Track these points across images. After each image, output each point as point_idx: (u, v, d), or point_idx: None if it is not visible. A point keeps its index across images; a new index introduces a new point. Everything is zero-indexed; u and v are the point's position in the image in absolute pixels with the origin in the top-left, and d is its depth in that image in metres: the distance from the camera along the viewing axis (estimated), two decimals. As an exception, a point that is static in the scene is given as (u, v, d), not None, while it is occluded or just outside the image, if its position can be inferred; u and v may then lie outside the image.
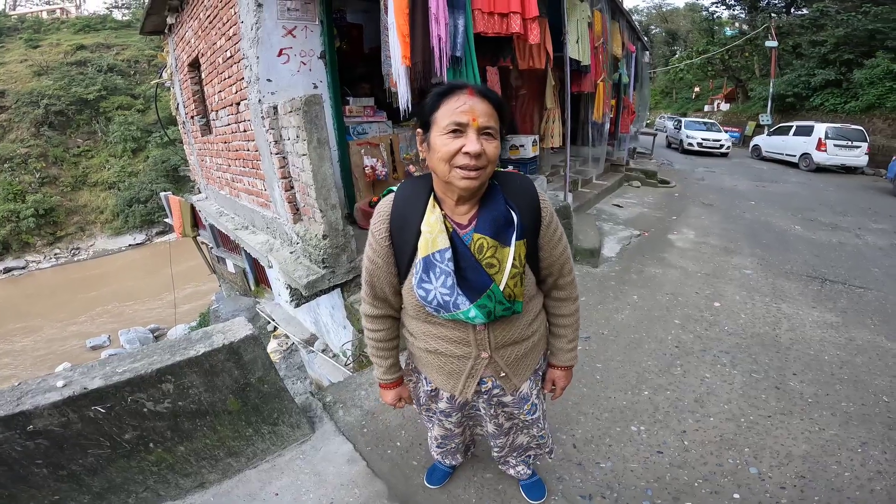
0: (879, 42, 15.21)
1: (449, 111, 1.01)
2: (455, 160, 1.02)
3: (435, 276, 1.11)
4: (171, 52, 5.84)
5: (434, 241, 1.10)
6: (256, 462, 2.06)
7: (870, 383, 2.70)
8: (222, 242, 8.55)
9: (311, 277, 3.07)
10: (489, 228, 1.11)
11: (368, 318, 1.35)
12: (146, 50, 31.73)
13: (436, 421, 1.58)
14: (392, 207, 1.19)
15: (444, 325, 1.23)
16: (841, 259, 5.08)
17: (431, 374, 1.37)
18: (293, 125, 2.85)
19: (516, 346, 1.29)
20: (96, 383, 1.66)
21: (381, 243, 1.20)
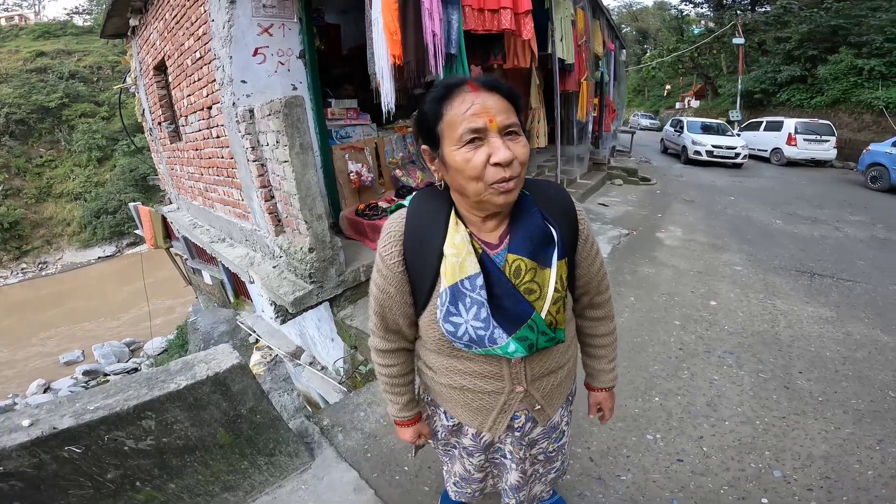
0: (842, 38, 15.68)
1: (458, 117, 0.83)
2: (487, 176, 0.84)
3: (465, 308, 0.92)
4: (135, 55, 5.53)
5: (462, 265, 0.91)
6: (255, 495, 1.90)
7: (874, 379, 2.68)
8: (197, 254, 8.24)
9: (297, 294, 2.87)
10: (526, 248, 0.93)
11: (380, 353, 1.15)
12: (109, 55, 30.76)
13: (456, 457, 1.39)
14: (405, 225, 0.99)
15: (472, 359, 1.05)
16: (825, 252, 5.14)
17: (456, 409, 1.17)
18: (272, 129, 2.65)
19: (552, 376, 1.13)
20: (66, 423, 1.49)
21: (394, 269, 1.00)
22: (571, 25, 5.35)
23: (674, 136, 14.51)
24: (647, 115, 29.10)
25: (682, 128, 13.75)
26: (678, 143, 13.87)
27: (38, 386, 10.48)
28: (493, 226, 0.97)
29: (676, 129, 14.41)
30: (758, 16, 22.09)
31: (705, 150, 12.26)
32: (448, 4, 2.57)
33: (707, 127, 13.71)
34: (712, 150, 12.17)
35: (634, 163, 11.20)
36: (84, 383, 10.44)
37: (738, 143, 12.21)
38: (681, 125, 14.09)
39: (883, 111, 13.27)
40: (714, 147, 12.18)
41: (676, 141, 14.10)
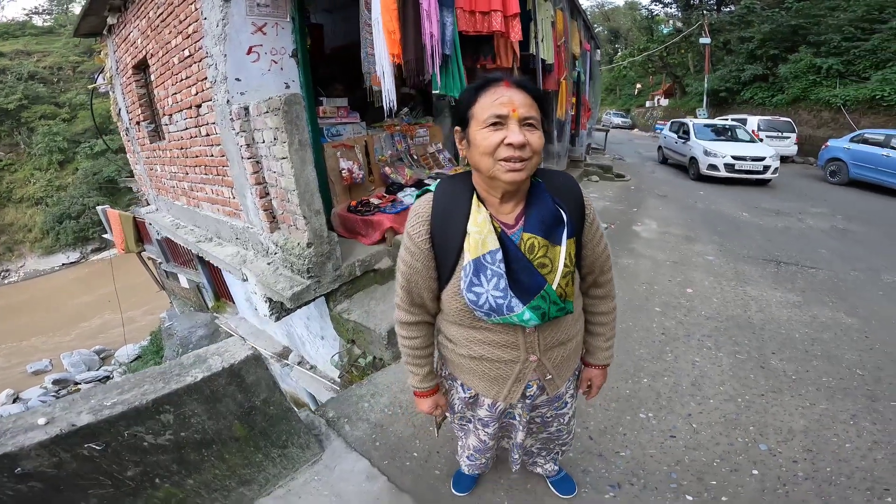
0: (802, 37, 16.25)
1: (487, 104, 0.98)
2: (498, 153, 0.98)
3: (486, 279, 1.04)
4: (111, 54, 5.40)
5: (484, 241, 1.04)
6: (270, 489, 1.91)
7: (841, 358, 2.88)
8: (173, 257, 8.08)
9: (295, 289, 2.91)
10: (539, 227, 1.07)
11: (404, 326, 1.26)
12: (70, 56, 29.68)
13: (471, 430, 1.51)
14: (432, 208, 1.12)
15: (490, 329, 1.17)
16: (790, 242, 5.44)
17: (472, 380, 1.29)
18: (269, 127, 2.68)
19: (562, 347, 1.25)
20: (85, 419, 1.49)
21: (421, 246, 1.12)
22: (551, 26, 5.51)
23: (677, 143, 11.28)
24: (618, 114, 29.79)
25: (689, 133, 10.68)
26: (683, 154, 10.72)
27: (6, 396, 10.10)
28: (510, 208, 1.10)
29: (680, 134, 11.19)
30: (723, 16, 22.65)
31: (724, 164, 9.26)
32: (444, 7, 2.67)
33: (719, 130, 10.90)
34: (733, 164, 9.20)
35: (609, 160, 11.50)
36: (54, 392, 10.09)
37: (767, 153, 9.31)
38: (686, 130, 10.98)
39: (840, 108, 13.83)
40: (735, 159, 9.21)
41: (681, 150, 10.92)
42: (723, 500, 1.83)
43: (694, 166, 10.10)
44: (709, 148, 9.70)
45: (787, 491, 1.86)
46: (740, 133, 10.77)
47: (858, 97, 13.30)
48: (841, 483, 1.90)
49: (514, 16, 3.32)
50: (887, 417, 2.29)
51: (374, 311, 3.11)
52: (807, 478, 1.93)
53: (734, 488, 1.89)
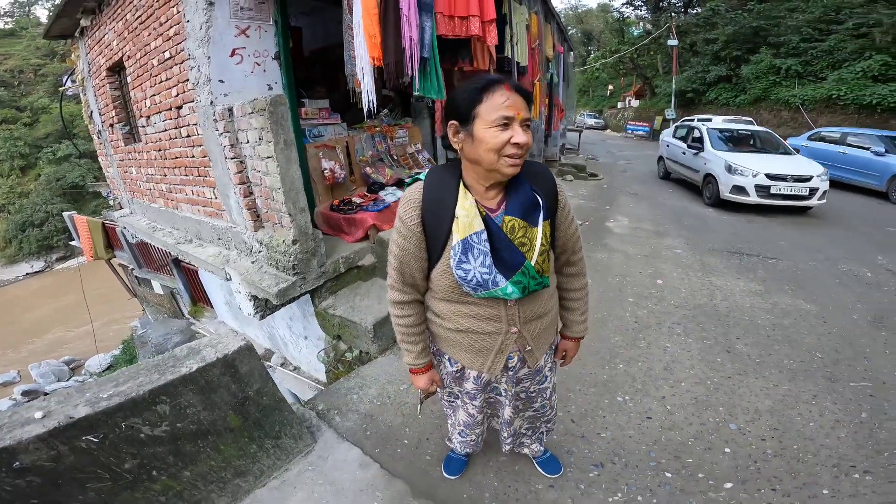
0: (763, 38, 16.92)
1: (495, 105, 1.08)
2: (505, 150, 1.10)
3: (473, 257, 1.18)
4: (83, 56, 5.31)
5: (471, 223, 1.17)
6: (265, 480, 1.96)
7: (801, 342, 3.08)
8: (146, 263, 7.92)
9: (281, 286, 2.96)
10: (519, 211, 1.20)
11: (398, 305, 1.37)
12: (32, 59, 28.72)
13: (460, 406, 1.62)
14: (423, 194, 1.23)
15: (476, 303, 1.29)
16: (752, 235, 5.73)
17: (459, 353, 1.41)
18: (254, 127, 2.73)
19: (540, 321, 1.38)
20: (82, 411, 1.50)
21: (413, 229, 1.24)
22: (526, 30, 5.68)
23: (685, 155, 8.50)
24: (591, 115, 30.41)
25: (702, 141, 7.99)
26: (695, 168, 8.10)
27: (-25, 408, 9.71)
28: (493, 194, 1.24)
29: (691, 142, 8.35)
30: (690, 17, 23.24)
31: (754, 185, 6.69)
32: (423, 12, 2.77)
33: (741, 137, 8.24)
34: (767, 186, 6.63)
35: (583, 160, 11.78)
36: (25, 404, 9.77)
37: (812, 170, 6.77)
38: (698, 137, 8.20)
39: (799, 108, 14.46)
40: (771, 179, 6.62)
41: (691, 164, 8.26)
42: (699, 477, 1.96)
43: (711, 187, 7.35)
44: (733, 162, 6.88)
45: (758, 468, 2.00)
46: (769, 141, 8.07)
47: (816, 97, 13.94)
48: (808, 460, 2.03)
49: (490, 21, 3.45)
50: (847, 397, 2.46)
51: (359, 306, 3.19)
52: (776, 455, 2.07)
53: (709, 465, 2.02)
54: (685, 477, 1.97)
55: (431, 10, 2.86)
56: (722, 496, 1.87)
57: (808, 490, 1.88)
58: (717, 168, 7.27)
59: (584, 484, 1.94)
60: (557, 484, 1.94)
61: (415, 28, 2.67)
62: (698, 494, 1.88)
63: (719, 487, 1.91)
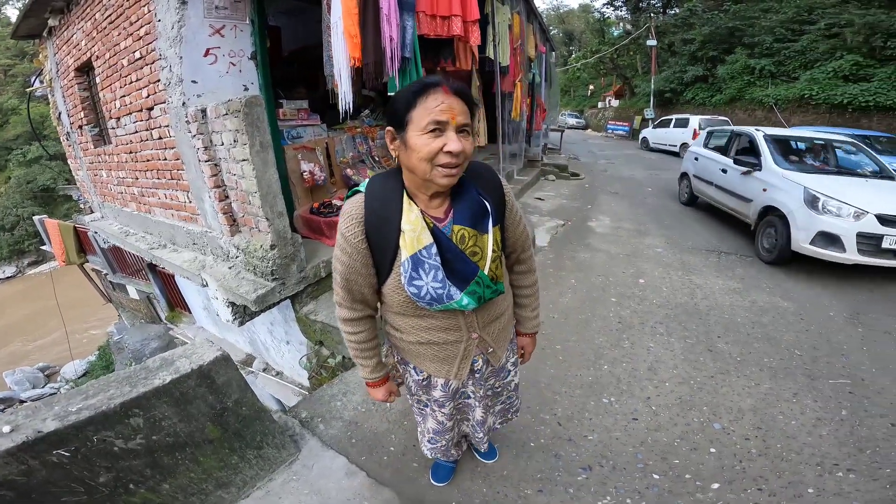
0: (738, 39, 17.18)
1: (427, 110, 1.01)
2: (437, 159, 1.03)
3: (425, 273, 1.12)
4: (51, 56, 5.12)
5: (419, 238, 1.11)
6: (248, 490, 1.91)
7: (780, 339, 3.12)
8: (120, 267, 7.71)
9: (259, 292, 2.88)
10: (467, 219, 1.15)
11: (348, 322, 1.31)
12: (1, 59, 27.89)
13: (429, 413, 1.58)
14: (364, 208, 1.15)
15: (433, 316, 1.25)
16: (729, 233, 5.81)
17: (423, 363, 1.38)
18: (229, 129, 2.65)
19: (498, 321, 1.37)
20: (51, 425, 1.45)
21: (358, 246, 1.16)
22: (508, 29, 5.67)
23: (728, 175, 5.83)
24: (573, 115, 30.64)
25: (759, 154, 5.28)
26: (744, 197, 5.36)
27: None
28: (438, 203, 1.18)
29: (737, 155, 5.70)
30: (668, 18, 23.53)
31: (857, 233, 3.95)
32: (404, 11, 2.72)
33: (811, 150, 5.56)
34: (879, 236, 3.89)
35: (564, 159, 11.83)
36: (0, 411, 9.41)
37: None
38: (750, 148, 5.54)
39: (773, 107, 14.74)
40: (885, 223, 3.89)
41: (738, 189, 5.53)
42: (686, 478, 1.96)
43: (774, 231, 4.64)
44: (819, 191, 4.27)
45: (744, 468, 2.01)
46: (852, 154, 5.52)
47: (789, 96, 14.25)
48: (792, 459, 2.05)
49: (474, 21, 3.42)
50: (826, 395, 2.49)
51: (341, 311, 3.12)
52: (760, 454, 2.08)
53: (696, 466, 2.03)
54: (672, 478, 1.97)
55: (413, 9, 2.81)
56: (709, 497, 1.88)
57: (794, 489, 1.90)
58: (789, 199, 4.44)
59: (573, 487, 1.93)
60: (546, 488, 1.93)
61: (395, 28, 2.62)
62: (686, 496, 1.88)
63: (706, 488, 1.92)
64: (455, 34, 3.37)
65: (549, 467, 2.03)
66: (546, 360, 2.85)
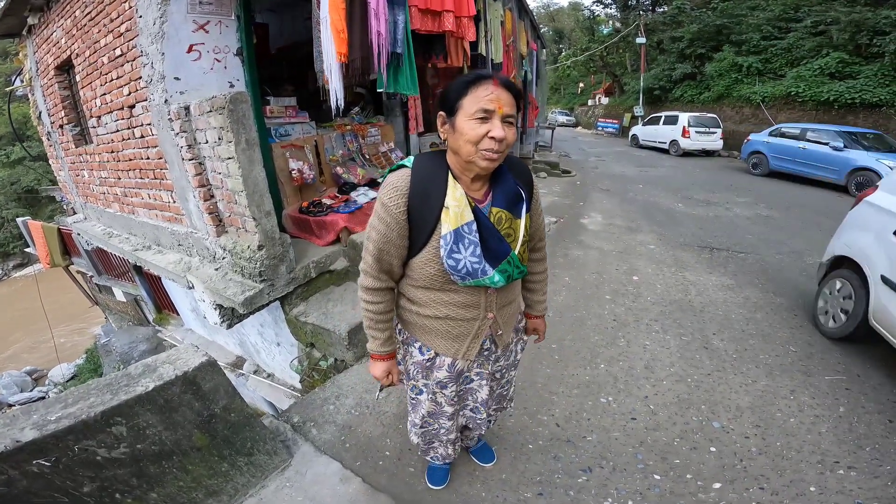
0: (726, 36, 17.25)
1: (477, 98, 1.08)
2: (482, 143, 1.10)
3: (464, 247, 1.19)
4: (31, 55, 4.98)
5: (462, 214, 1.18)
6: (240, 498, 1.85)
7: (774, 336, 3.11)
8: (106, 269, 7.57)
9: (247, 293, 2.81)
10: (505, 202, 1.24)
11: (370, 291, 1.34)
12: (-17, 59, 27.09)
13: (425, 398, 1.55)
14: (411, 182, 1.20)
15: (458, 291, 1.30)
16: (720, 229, 5.84)
17: (434, 340, 1.40)
18: (213, 126, 2.57)
19: (511, 305, 1.44)
20: (29, 435, 1.40)
21: (399, 218, 1.20)
22: (500, 26, 5.61)
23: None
24: (563, 112, 30.75)
25: None
26: None
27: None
28: (479, 186, 1.26)
29: None
30: (657, 16, 23.41)
31: None
32: (395, 5, 2.65)
33: None
34: None
35: (556, 157, 11.86)
36: (-14, 415, 9.20)
37: None
38: None
39: (760, 104, 14.85)
40: None
41: None
42: (688, 478, 1.93)
43: None
44: None
45: (744, 466, 1.99)
46: None
47: (776, 94, 14.36)
48: (792, 457, 2.03)
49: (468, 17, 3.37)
50: (823, 391, 2.48)
51: (332, 312, 3.06)
52: (760, 452, 2.06)
53: (696, 466, 2.00)
54: (673, 479, 1.94)
55: (405, 3, 2.74)
56: (711, 497, 1.85)
57: (796, 487, 1.88)
58: None
59: (574, 490, 1.89)
60: (546, 491, 1.88)
61: (383, 23, 2.55)
62: (688, 496, 1.85)
63: (708, 488, 1.89)
64: (447, 30, 3.31)
65: (548, 469, 1.99)
66: (542, 359, 2.81)
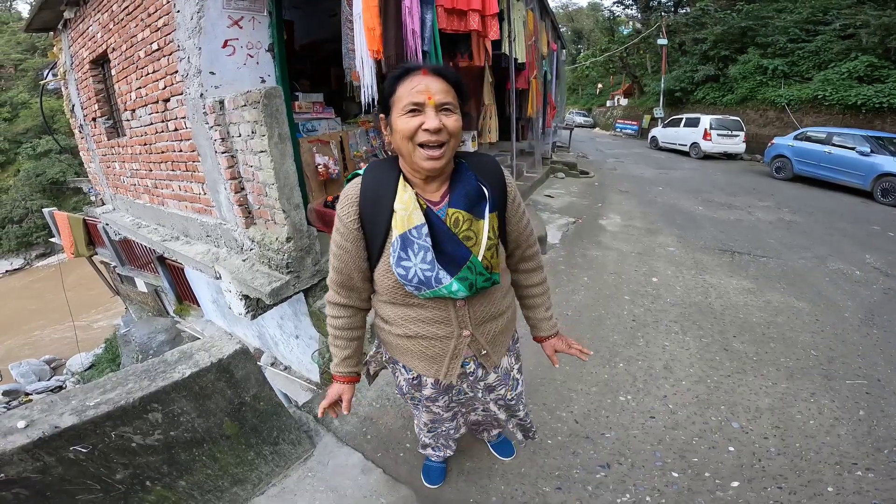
0: (751, 38, 16.98)
1: (406, 92, 1.03)
2: (416, 137, 1.04)
3: (413, 253, 1.10)
4: (66, 49, 5.14)
5: (409, 217, 1.10)
6: (263, 487, 1.88)
7: (796, 340, 3.08)
8: (129, 260, 7.74)
9: (274, 285, 2.88)
10: (462, 203, 1.13)
11: (332, 306, 1.31)
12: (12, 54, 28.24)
13: (423, 408, 1.54)
14: (360, 190, 1.16)
15: (423, 305, 1.21)
16: (741, 233, 5.76)
17: (412, 361, 1.33)
18: (247, 120, 2.65)
19: (494, 322, 1.31)
20: (68, 420, 1.41)
21: (350, 227, 1.16)
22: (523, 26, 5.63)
23: None
24: (581, 113, 30.52)
25: None
26: None
27: (-48, 409, 9.39)
28: (435, 187, 1.17)
29: None
30: (680, 17, 23.08)
31: None
32: (424, 4, 2.71)
33: None
34: None
35: (573, 157, 11.80)
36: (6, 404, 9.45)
37: None
38: None
39: (785, 108, 14.55)
40: None
41: None
42: (706, 476, 1.95)
43: None
44: None
45: (763, 466, 1.99)
46: None
47: (802, 97, 14.06)
48: (811, 458, 2.03)
49: (492, 15, 3.41)
50: (844, 395, 2.47)
51: (354, 306, 3.11)
52: (779, 453, 2.06)
53: (715, 464, 2.01)
54: (691, 476, 1.95)
55: (432, 2, 2.79)
56: (729, 495, 1.86)
57: (814, 488, 1.88)
58: None
59: (592, 485, 1.91)
60: (565, 486, 1.91)
61: (416, 21, 2.61)
62: (706, 493, 1.87)
63: (726, 486, 1.90)
64: (473, 29, 3.35)
65: (566, 465, 2.01)
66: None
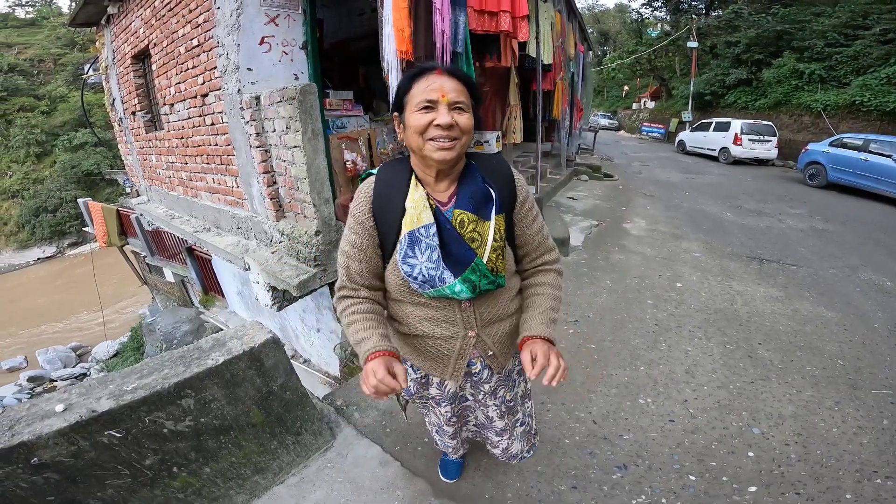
0: (786, 42, 16.57)
1: (420, 90, 1.06)
2: (427, 133, 1.06)
3: (420, 251, 1.12)
4: (108, 44, 5.36)
5: (419, 216, 1.12)
6: (283, 477, 1.92)
7: (823, 349, 3.03)
8: (159, 251, 7.98)
9: (301, 277, 2.96)
10: (469, 204, 1.14)
11: (343, 299, 1.25)
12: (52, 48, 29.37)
13: (431, 406, 1.56)
14: (374, 188, 1.19)
15: (429, 304, 1.23)
16: (771, 241, 5.64)
17: (419, 360, 1.35)
18: (282, 116, 2.74)
19: (501, 324, 1.30)
20: (105, 405, 1.44)
21: (365, 224, 1.18)
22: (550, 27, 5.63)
23: None
24: (605, 115, 30.09)
25: None
26: None
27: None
28: (444, 187, 1.18)
29: None
30: (711, 20, 22.58)
31: None
32: (456, 6, 2.75)
33: None
34: None
35: (598, 160, 11.67)
36: (30, 390, 9.81)
37: None
38: None
39: (821, 113, 14.14)
40: None
41: None
42: (723, 480, 1.94)
43: None
44: None
45: (782, 472, 1.98)
46: None
47: (839, 102, 13.63)
48: (831, 465, 2.01)
49: (522, 17, 3.43)
50: (869, 404, 2.43)
51: (378, 300, 3.17)
52: (799, 459, 2.05)
53: (733, 469, 2.00)
54: (709, 480, 1.95)
55: (464, 4, 2.83)
56: (746, 499, 1.85)
57: (832, 494, 1.87)
58: None
59: (608, 485, 1.93)
60: (580, 485, 1.92)
61: (447, 22, 2.65)
62: (722, 497, 1.86)
63: (743, 491, 1.89)
64: (503, 30, 3.37)
65: (583, 465, 2.02)
66: (581, 358, 2.84)
